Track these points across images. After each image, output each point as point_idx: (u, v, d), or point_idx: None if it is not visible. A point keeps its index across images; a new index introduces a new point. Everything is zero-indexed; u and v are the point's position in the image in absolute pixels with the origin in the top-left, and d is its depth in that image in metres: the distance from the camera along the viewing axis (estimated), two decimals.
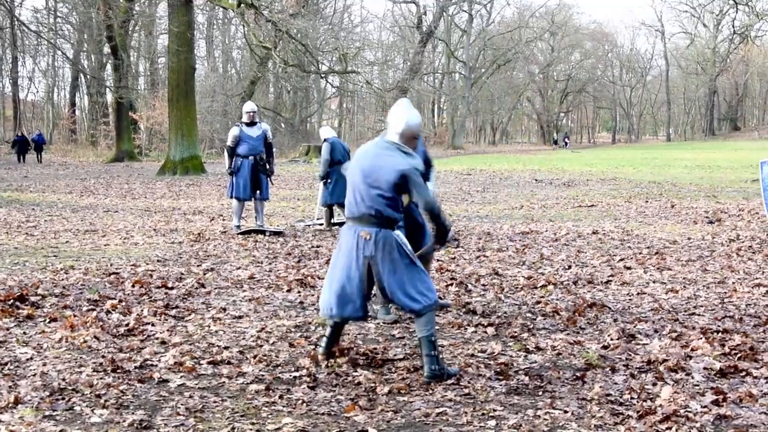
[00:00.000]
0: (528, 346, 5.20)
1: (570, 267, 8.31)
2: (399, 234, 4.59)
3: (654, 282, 7.48)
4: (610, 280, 7.55)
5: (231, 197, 11.05)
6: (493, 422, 3.87)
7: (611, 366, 4.76)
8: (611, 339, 5.36)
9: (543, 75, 77.30)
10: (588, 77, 79.26)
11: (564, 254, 9.16)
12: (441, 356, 4.55)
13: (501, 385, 4.43)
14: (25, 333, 5.35)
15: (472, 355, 4.98)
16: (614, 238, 10.64)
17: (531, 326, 5.76)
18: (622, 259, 8.75)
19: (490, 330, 5.63)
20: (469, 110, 67.02)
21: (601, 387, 4.32)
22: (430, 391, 4.31)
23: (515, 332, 5.58)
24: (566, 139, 66.77)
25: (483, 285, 7.30)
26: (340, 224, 11.38)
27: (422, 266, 4.67)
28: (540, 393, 4.31)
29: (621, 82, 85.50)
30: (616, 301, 6.65)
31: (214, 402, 4.11)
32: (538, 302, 6.57)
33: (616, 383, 4.44)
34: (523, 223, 12.49)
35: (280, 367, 4.70)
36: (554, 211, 14.46)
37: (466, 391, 4.31)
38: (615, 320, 5.94)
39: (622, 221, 12.63)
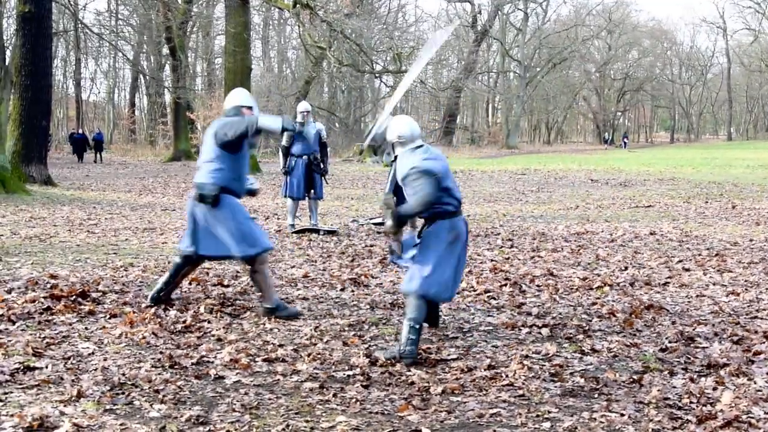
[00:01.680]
0: (583, 348, 5.14)
1: (626, 268, 8.18)
2: None
3: (714, 284, 7.32)
4: (668, 282, 7.41)
5: (285, 196, 11.15)
6: (548, 424, 3.83)
7: (669, 369, 4.67)
8: (669, 342, 5.26)
9: (599, 73, 76.16)
10: (646, 75, 77.85)
11: (620, 255, 9.02)
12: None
13: (556, 386, 4.38)
14: (86, 328, 5.48)
15: (527, 356, 4.94)
16: (672, 239, 10.44)
17: (586, 328, 5.68)
18: (680, 261, 8.58)
19: (545, 331, 5.57)
20: (524, 109, 66.45)
21: (659, 390, 4.24)
22: (484, 392, 4.29)
23: (570, 334, 5.52)
24: (625, 139, 65.53)
25: (537, 286, 7.23)
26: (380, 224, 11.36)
27: None
28: (596, 395, 4.26)
29: (680, 80, 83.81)
30: (674, 303, 6.52)
31: (269, 399, 4.16)
32: (594, 303, 6.49)
33: (674, 387, 4.35)
34: (578, 223, 12.34)
35: (334, 366, 4.73)
36: (610, 212, 14.25)
37: (521, 392, 4.28)
38: (673, 323, 5.83)
39: (681, 222, 12.38)
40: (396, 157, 5.14)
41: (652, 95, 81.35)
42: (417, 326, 4.84)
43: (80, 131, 40.37)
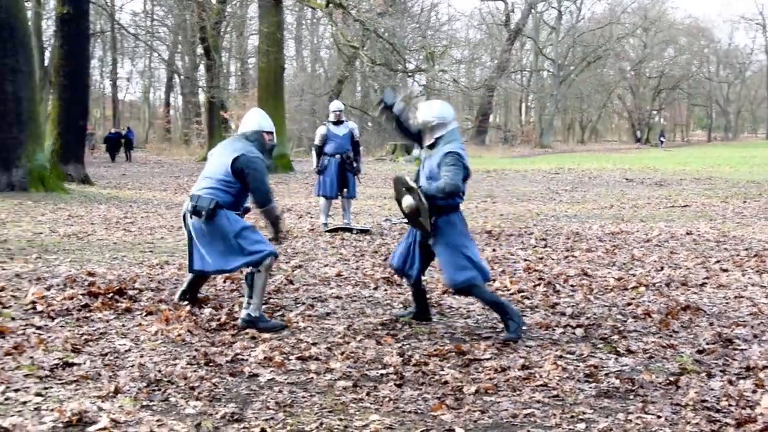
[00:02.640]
0: (618, 349, 5.09)
1: (662, 268, 8.09)
2: None
3: (753, 285, 7.21)
4: (706, 283, 7.31)
5: (318, 195, 11.19)
6: (582, 425, 3.80)
7: (707, 371, 4.61)
8: (707, 343, 5.19)
9: (635, 72, 75.25)
10: (682, 74, 76.70)
11: (656, 255, 8.92)
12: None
13: (590, 387, 4.35)
14: (123, 325, 5.56)
15: (561, 357, 4.91)
16: (709, 239, 10.30)
17: (621, 328, 5.63)
18: (718, 261, 8.46)
19: (579, 331, 5.53)
20: (558, 108, 65.86)
21: (696, 392, 4.18)
22: (518, 392, 4.27)
23: (605, 334, 5.47)
24: (662, 138, 64.61)
25: (571, 286, 7.18)
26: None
27: None
28: (631, 397, 4.22)
29: (718, 78, 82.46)
30: (711, 304, 6.44)
31: (303, 397, 4.18)
32: (629, 304, 6.42)
33: (712, 389, 4.30)
34: (613, 223, 12.23)
35: (367, 365, 4.74)
36: (645, 211, 14.09)
37: (555, 392, 4.25)
38: (711, 324, 5.75)
39: (718, 222, 12.21)
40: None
41: (688, 93, 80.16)
42: (500, 303, 5.38)
43: (113, 130, 40.65)
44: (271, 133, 5.87)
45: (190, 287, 6.10)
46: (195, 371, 4.51)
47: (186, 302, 6.04)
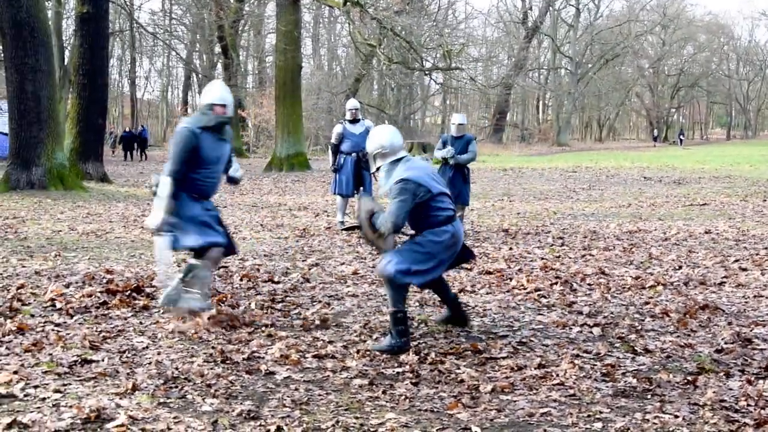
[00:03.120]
0: (636, 348, 5.06)
1: (680, 267, 8.03)
2: None
3: None
4: (724, 282, 7.25)
5: (334, 194, 11.20)
6: (599, 424, 3.78)
7: (725, 371, 4.57)
8: (725, 343, 5.15)
9: (653, 69, 74.81)
10: (701, 71, 76.19)
11: (674, 254, 8.86)
12: None
13: (607, 386, 4.32)
14: (141, 323, 5.59)
15: (577, 356, 4.88)
16: (728, 238, 10.21)
17: (639, 327, 5.59)
18: (737, 260, 8.39)
19: (596, 330, 5.50)
20: (575, 106, 65.63)
21: (714, 392, 4.15)
22: (535, 391, 4.25)
23: (622, 333, 5.44)
24: (681, 136, 64.12)
25: (589, 284, 7.15)
26: None
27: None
28: (649, 396, 4.19)
29: (738, 75, 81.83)
30: (730, 303, 6.38)
31: (319, 395, 4.18)
32: (647, 303, 6.38)
33: (731, 389, 4.26)
34: (630, 221, 12.16)
35: (383, 363, 4.74)
36: (664, 210, 14.00)
37: (571, 392, 4.23)
38: (729, 323, 5.70)
39: (737, 221, 12.10)
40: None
41: (707, 91, 79.59)
42: (398, 315, 4.97)
43: (126, 129, 40.44)
44: (224, 105, 5.58)
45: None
46: (212, 369, 4.53)
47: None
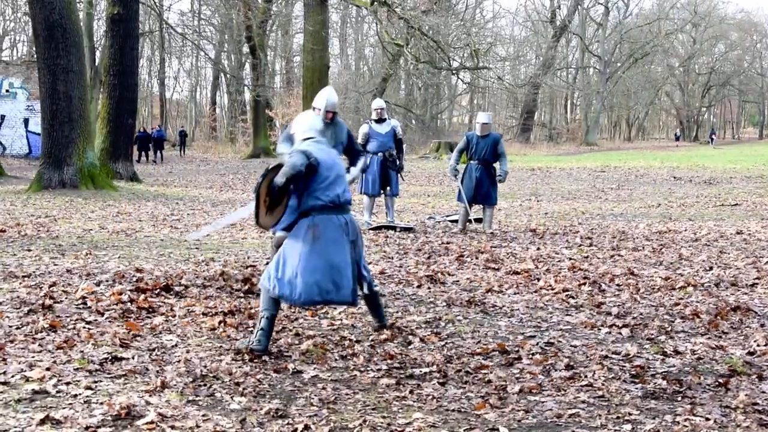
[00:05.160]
0: (666, 350, 5.01)
1: (711, 268, 7.94)
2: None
3: None
4: (756, 283, 7.16)
5: (361, 193, 11.21)
6: (628, 426, 3.75)
7: (758, 373, 4.51)
8: (758, 345, 5.08)
9: (683, 68, 73.94)
10: (733, 70, 75.14)
11: (705, 255, 8.76)
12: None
13: (637, 388, 4.28)
14: (169, 321, 5.63)
15: (606, 357, 4.85)
16: (761, 238, 10.08)
17: (669, 329, 5.54)
18: None
19: (625, 331, 5.46)
20: (604, 106, 65.04)
21: (746, 395, 4.10)
22: (563, 392, 4.22)
23: (652, 334, 5.39)
24: (713, 135, 63.26)
25: (617, 285, 7.09)
26: (477, 220, 11.27)
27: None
28: (679, 398, 4.15)
29: None
30: (762, 305, 6.30)
31: (346, 394, 4.19)
32: (677, 304, 6.32)
33: (763, 392, 4.20)
34: (660, 221, 12.04)
35: (410, 363, 4.74)
36: (694, 210, 13.85)
37: (600, 393, 4.20)
38: (762, 325, 5.63)
39: None
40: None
41: (739, 90, 78.46)
42: (266, 321, 4.79)
43: (141, 129, 38.66)
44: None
45: None
46: (240, 367, 4.56)
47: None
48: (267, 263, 6.23)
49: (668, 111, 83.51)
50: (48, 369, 4.37)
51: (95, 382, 4.25)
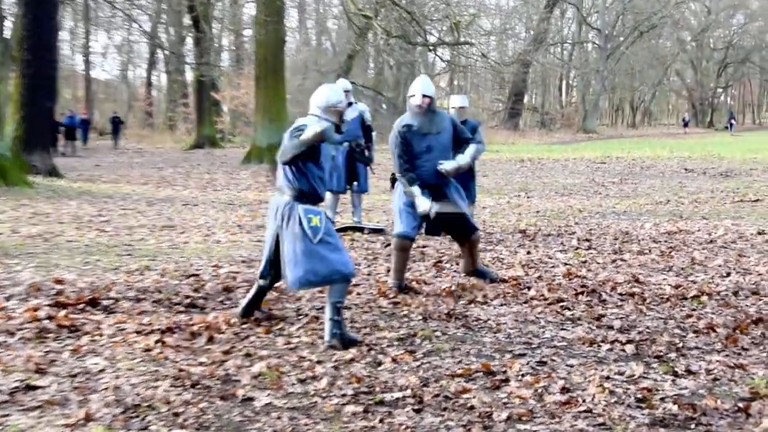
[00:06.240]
0: (676, 369, 5.06)
1: (729, 274, 8.04)
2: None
3: None
4: None
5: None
6: None
7: None
8: None
9: (696, 43, 74.86)
10: (753, 44, 76.20)
11: (721, 259, 8.87)
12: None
13: (643, 414, 4.32)
14: (95, 341, 5.57)
15: (608, 378, 4.88)
16: None
17: (680, 345, 5.59)
18: None
19: (630, 348, 5.50)
20: (604, 87, 65.68)
21: None
22: (557, 419, 4.24)
23: (660, 352, 5.44)
24: (732, 120, 63.95)
25: (620, 294, 7.15)
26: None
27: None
28: (692, 426, 4.18)
29: None
30: None
31: (305, 425, 4.17)
32: (689, 316, 6.38)
33: None
34: (669, 221, 12.17)
35: (380, 387, 4.73)
36: (708, 207, 14.02)
37: (601, 420, 4.23)
38: None
39: None
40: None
41: (760, 67, 79.61)
42: None
43: (69, 112, 36.76)
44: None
45: None
46: (179, 395, 4.52)
47: None
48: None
49: (678, 92, 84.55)
50: None
51: (4, 416, 4.18)
